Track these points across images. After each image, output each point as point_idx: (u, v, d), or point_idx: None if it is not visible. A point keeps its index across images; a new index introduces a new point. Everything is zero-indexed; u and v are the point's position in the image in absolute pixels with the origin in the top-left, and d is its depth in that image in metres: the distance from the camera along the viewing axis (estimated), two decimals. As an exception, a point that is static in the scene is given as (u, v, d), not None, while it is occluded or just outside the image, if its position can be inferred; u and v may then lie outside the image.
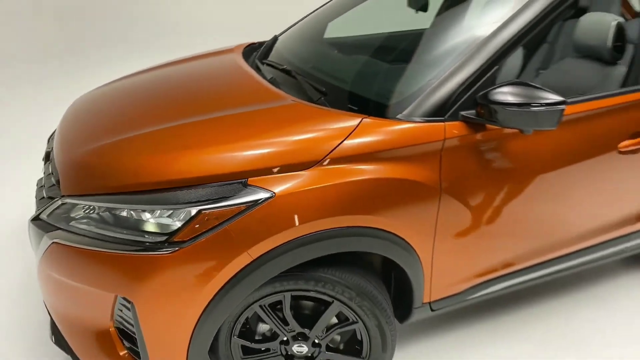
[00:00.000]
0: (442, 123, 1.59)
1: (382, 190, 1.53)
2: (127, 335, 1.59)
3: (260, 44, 2.59)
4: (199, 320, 1.46)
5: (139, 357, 1.55)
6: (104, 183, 1.50)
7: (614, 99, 1.86)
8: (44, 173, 1.80)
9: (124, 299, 1.46)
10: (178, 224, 1.39)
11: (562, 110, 1.48)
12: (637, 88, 1.93)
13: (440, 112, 1.60)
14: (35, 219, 1.60)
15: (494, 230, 1.77)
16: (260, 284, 1.48)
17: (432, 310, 1.87)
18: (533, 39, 1.71)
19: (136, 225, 1.42)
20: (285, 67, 2.04)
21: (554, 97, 1.48)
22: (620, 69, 2.09)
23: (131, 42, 7.04)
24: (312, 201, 1.45)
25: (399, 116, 1.59)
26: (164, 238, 1.39)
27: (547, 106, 1.48)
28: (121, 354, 1.58)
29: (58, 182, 1.62)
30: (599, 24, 2.09)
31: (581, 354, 2.09)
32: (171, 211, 1.40)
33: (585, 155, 1.82)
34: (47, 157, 1.87)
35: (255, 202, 1.40)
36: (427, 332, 2.19)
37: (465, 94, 1.60)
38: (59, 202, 1.55)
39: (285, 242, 1.43)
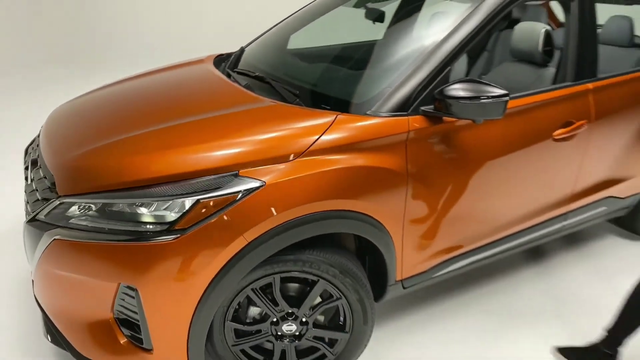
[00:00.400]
0: (406, 117, 1.81)
1: (358, 177, 1.73)
2: (126, 325, 1.68)
3: (228, 54, 2.75)
4: (199, 303, 1.58)
5: (140, 344, 1.65)
6: (102, 182, 1.61)
7: (547, 94, 2.17)
8: (33, 179, 1.87)
9: (128, 287, 1.56)
10: (179, 213, 1.52)
11: (507, 101, 1.75)
12: (564, 85, 2.25)
13: (403, 107, 1.82)
14: (32, 220, 1.68)
15: (454, 211, 2.00)
16: (254, 266, 1.62)
17: (403, 287, 2.08)
18: (476, 46, 1.98)
19: (138, 217, 1.54)
20: (257, 74, 2.22)
21: (499, 91, 1.74)
22: (551, 70, 2.42)
23: (100, 58, 7.07)
24: (298, 188, 1.62)
25: (368, 112, 1.81)
26: (166, 227, 1.52)
27: (493, 98, 1.74)
28: (122, 341, 1.67)
29: (53, 184, 1.70)
30: (530, 32, 2.41)
31: (534, 319, 2.36)
32: (171, 202, 1.52)
33: (527, 143, 2.11)
34: (35, 164, 1.93)
35: (249, 191, 1.56)
36: (401, 310, 2.40)
37: (424, 91, 1.84)
38: (57, 202, 1.64)
39: (276, 226, 1.59)
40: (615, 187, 2.62)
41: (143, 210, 1.54)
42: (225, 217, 1.53)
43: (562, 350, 2.11)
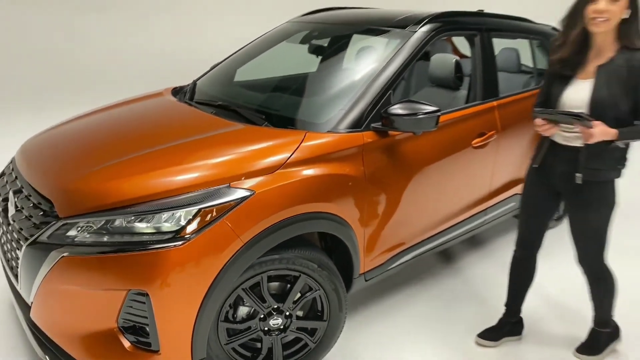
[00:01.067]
0: (360, 132, 2.18)
1: (327, 183, 2.05)
2: (129, 331, 1.82)
3: (181, 87, 2.99)
4: (202, 301, 1.78)
5: (146, 347, 1.79)
6: (103, 202, 1.77)
7: (465, 111, 2.67)
8: (22, 207, 1.95)
9: (137, 294, 1.72)
10: (184, 222, 1.73)
11: (439, 116, 2.18)
12: (476, 103, 2.77)
13: (357, 125, 2.19)
14: (32, 244, 1.78)
15: (402, 209, 2.39)
16: (249, 265, 1.86)
17: (366, 280, 2.40)
18: (403, 74, 2.42)
19: (144, 229, 1.72)
20: (220, 102, 2.49)
21: (432, 108, 2.17)
22: (463, 92, 2.95)
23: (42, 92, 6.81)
24: (281, 195, 1.91)
25: (329, 130, 2.15)
26: (172, 235, 1.72)
27: (427, 114, 2.16)
28: (127, 347, 1.80)
29: (51, 208, 1.82)
30: (444, 62, 2.92)
31: (477, 300, 2.79)
32: (176, 212, 1.73)
33: (454, 150, 2.58)
34: (19, 192, 2.01)
35: (242, 199, 1.81)
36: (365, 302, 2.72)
37: (373, 111, 2.23)
38: (59, 224, 1.77)
39: (267, 228, 1.86)
40: (520, 186, 3.18)
41: (147, 222, 1.73)
42: (223, 223, 1.77)
43: (481, 334, 2.50)
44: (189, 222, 1.74)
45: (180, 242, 1.71)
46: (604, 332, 2.39)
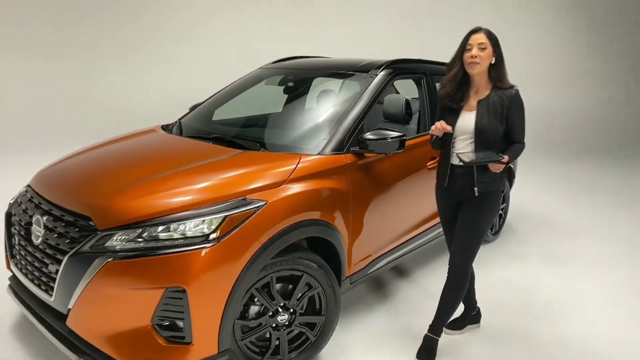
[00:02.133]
0: (343, 154, 2.63)
1: (320, 195, 2.46)
2: (163, 329, 2.06)
3: (168, 125, 3.32)
4: (229, 296, 2.08)
5: (179, 341, 2.04)
6: (139, 214, 2.06)
7: (420, 138, 3.22)
8: (54, 227, 2.17)
9: (174, 290, 1.99)
10: (213, 227, 2.05)
11: (404, 139, 2.69)
12: (425, 133, 3.33)
13: (340, 148, 2.65)
14: (74, 255, 2.02)
15: (378, 218, 2.84)
16: (265, 263, 2.20)
17: (351, 283, 2.79)
18: (368, 111, 2.93)
19: (178, 234, 2.02)
20: (215, 135, 2.86)
21: (397, 133, 2.67)
22: (413, 126, 3.52)
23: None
24: (288, 205, 2.29)
25: (317, 153, 2.59)
26: (204, 238, 2.03)
27: (394, 138, 2.66)
28: (161, 342, 2.03)
29: (88, 223, 2.07)
30: (396, 101, 3.48)
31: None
32: (205, 219, 2.05)
33: (415, 170, 3.10)
34: (47, 214, 2.24)
35: (258, 207, 2.17)
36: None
37: (351, 137, 2.70)
38: (99, 236, 2.02)
39: (278, 232, 2.22)
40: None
41: (181, 229, 2.03)
42: (245, 227, 2.11)
43: (447, 326, 2.81)
44: (217, 227, 2.07)
45: (211, 244, 2.03)
46: (437, 339, 2.62)
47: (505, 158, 2.38)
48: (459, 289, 2.59)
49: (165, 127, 3.27)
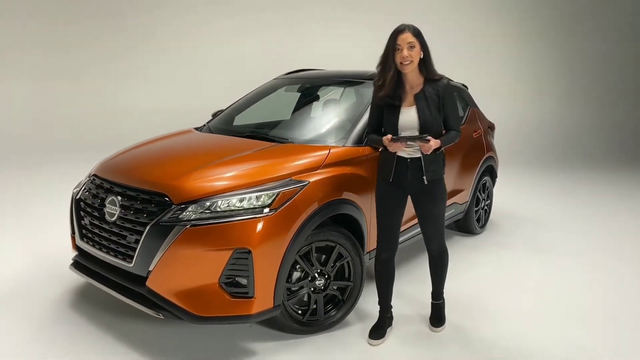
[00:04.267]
0: (363, 147, 3.12)
1: (347, 179, 2.92)
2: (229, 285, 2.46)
3: (199, 127, 3.77)
4: (283, 257, 2.50)
5: (243, 295, 2.45)
6: (209, 190, 2.49)
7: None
8: (130, 205, 2.57)
9: (241, 252, 2.40)
10: (271, 199, 2.49)
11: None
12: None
13: (360, 141, 3.13)
14: (155, 225, 2.42)
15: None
16: (310, 232, 2.64)
17: (370, 259, 3.24)
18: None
19: (246, 204, 2.46)
20: (248, 133, 3.32)
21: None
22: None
23: None
24: (324, 185, 2.75)
25: (344, 144, 3.07)
26: (264, 208, 2.47)
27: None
28: (227, 297, 2.44)
29: (164, 199, 2.48)
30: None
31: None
32: (265, 193, 2.50)
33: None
34: (122, 195, 2.64)
35: (303, 186, 2.63)
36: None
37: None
38: (175, 208, 2.44)
39: (318, 207, 2.67)
40: (457, 196, 4.30)
41: (247, 201, 2.47)
42: (295, 201, 2.56)
43: (371, 336, 2.79)
44: (273, 200, 2.51)
45: (271, 213, 2.47)
46: (441, 302, 2.97)
47: (431, 139, 2.46)
48: (443, 261, 2.87)
49: (198, 129, 3.70)
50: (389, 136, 2.54)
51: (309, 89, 3.98)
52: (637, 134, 10.40)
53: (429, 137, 2.48)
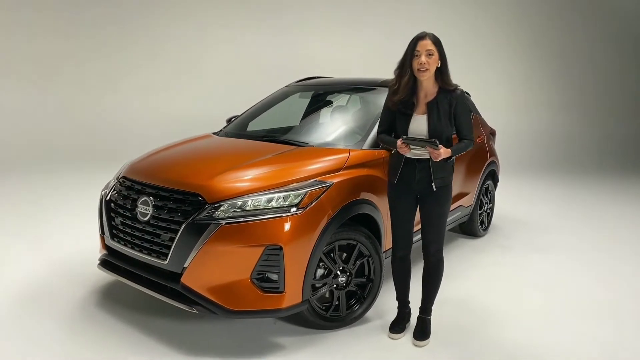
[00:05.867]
0: (379, 150, 3.26)
1: (366, 180, 3.06)
2: (260, 281, 2.57)
3: (216, 132, 3.89)
4: (310, 256, 2.63)
5: (274, 290, 2.56)
6: (239, 190, 2.61)
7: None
8: (163, 205, 2.68)
9: (272, 248, 2.52)
10: (300, 199, 2.62)
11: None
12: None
13: (376, 145, 3.27)
14: (190, 223, 2.53)
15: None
16: (333, 231, 2.76)
17: (386, 258, 3.37)
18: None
19: (277, 204, 2.58)
20: (267, 137, 3.46)
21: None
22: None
23: None
24: (347, 186, 2.89)
25: (362, 148, 3.21)
26: (293, 207, 2.59)
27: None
28: (259, 292, 2.55)
29: (197, 199, 2.59)
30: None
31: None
32: (293, 193, 2.62)
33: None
34: (154, 196, 2.74)
35: (328, 186, 2.76)
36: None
37: (384, 137, 3.34)
38: (209, 207, 2.55)
39: (342, 206, 2.80)
40: (462, 199, 4.46)
41: (277, 200, 2.60)
42: (321, 201, 2.69)
43: (391, 330, 2.91)
44: (302, 199, 2.64)
45: (300, 211, 2.60)
46: (429, 318, 2.91)
47: (442, 148, 2.49)
48: (439, 271, 2.85)
49: (216, 134, 3.83)
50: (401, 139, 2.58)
51: (322, 95, 4.13)
52: (628, 143, 10.74)
53: (438, 144, 2.47)
